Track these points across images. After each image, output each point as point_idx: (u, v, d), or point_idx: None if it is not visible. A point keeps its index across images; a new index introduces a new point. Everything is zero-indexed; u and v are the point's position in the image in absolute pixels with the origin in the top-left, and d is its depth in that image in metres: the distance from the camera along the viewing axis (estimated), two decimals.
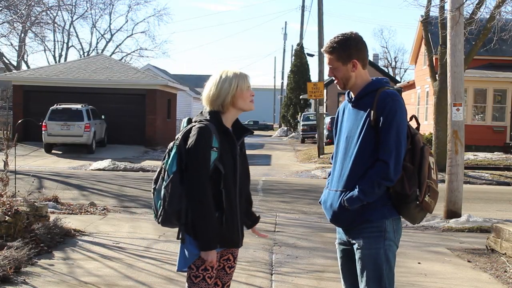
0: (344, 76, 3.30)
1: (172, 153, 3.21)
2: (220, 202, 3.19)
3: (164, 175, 3.21)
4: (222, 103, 3.27)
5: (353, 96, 3.33)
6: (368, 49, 3.38)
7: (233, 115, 3.33)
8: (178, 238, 3.22)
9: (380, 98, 3.17)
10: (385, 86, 3.25)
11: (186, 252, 3.22)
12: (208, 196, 3.13)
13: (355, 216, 3.18)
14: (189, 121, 3.33)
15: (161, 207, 3.18)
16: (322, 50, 3.38)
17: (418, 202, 3.14)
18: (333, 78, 3.37)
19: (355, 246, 3.23)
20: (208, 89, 3.31)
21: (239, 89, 3.28)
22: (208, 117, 3.26)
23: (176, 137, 3.28)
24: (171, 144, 3.27)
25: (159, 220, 3.22)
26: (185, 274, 3.32)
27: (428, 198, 3.15)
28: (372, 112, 3.16)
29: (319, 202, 3.42)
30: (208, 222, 3.13)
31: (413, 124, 3.36)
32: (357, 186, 3.14)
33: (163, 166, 3.25)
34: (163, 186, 3.19)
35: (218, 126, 3.23)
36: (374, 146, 3.15)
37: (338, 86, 3.38)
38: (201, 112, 3.34)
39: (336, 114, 3.47)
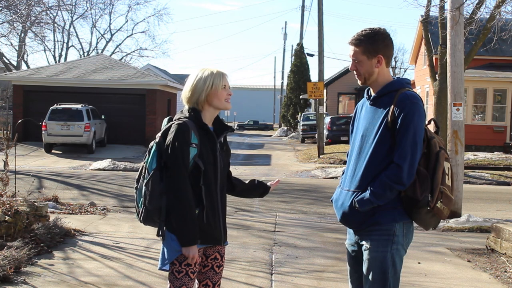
0: (367, 71, 3.22)
1: (152, 151, 3.24)
2: (201, 199, 3.20)
3: (145, 173, 3.23)
4: (196, 100, 3.30)
5: (372, 93, 3.28)
6: (394, 47, 3.32)
7: (210, 113, 3.34)
8: (158, 235, 3.23)
9: (399, 99, 3.10)
10: (405, 87, 3.18)
11: (168, 249, 3.23)
12: (187, 192, 3.14)
13: (365, 218, 3.14)
14: (170, 120, 3.35)
15: (142, 205, 3.20)
16: (348, 42, 3.26)
17: (429, 208, 3.05)
18: (354, 72, 3.29)
19: (363, 247, 3.20)
20: (186, 86, 3.35)
21: (214, 88, 3.29)
22: (187, 115, 3.29)
23: (157, 135, 3.30)
24: (152, 143, 3.29)
25: (141, 219, 3.24)
26: (161, 269, 3.33)
27: (440, 204, 3.07)
28: (390, 113, 3.10)
29: (331, 200, 3.39)
30: (187, 218, 3.14)
31: (431, 127, 3.31)
32: (369, 188, 3.09)
33: (144, 165, 3.26)
34: (143, 184, 3.21)
35: (197, 123, 3.25)
36: (389, 148, 3.09)
37: (358, 81, 3.30)
38: (182, 111, 3.37)
39: (354, 111, 3.42)
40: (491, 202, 12.76)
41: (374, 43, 3.19)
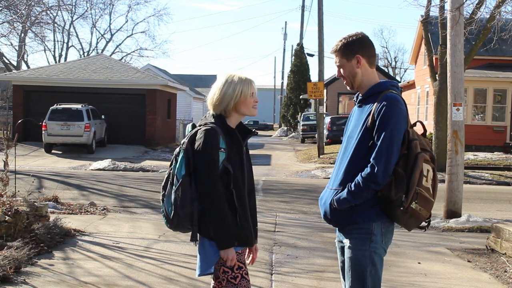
0: (350, 73, 3.30)
1: (179, 158, 3.24)
2: (232, 202, 3.22)
3: (173, 180, 3.24)
4: (225, 108, 3.31)
5: (360, 96, 3.35)
6: (375, 49, 3.38)
7: (236, 119, 3.37)
8: (191, 240, 3.24)
9: (380, 101, 3.17)
10: (389, 89, 3.24)
11: (207, 255, 3.25)
12: (221, 195, 3.17)
13: (343, 216, 3.20)
14: (194, 126, 3.36)
15: (173, 212, 3.20)
16: (330, 51, 3.39)
17: (402, 208, 3.08)
18: (342, 79, 3.37)
19: (345, 246, 3.27)
20: (213, 93, 3.34)
21: (243, 96, 3.31)
22: (213, 120, 3.30)
23: (182, 141, 3.32)
24: (177, 149, 3.31)
25: (172, 226, 3.25)
26: (192, 276, 3.34)
27: (415, 205, 3.09)
28: (371, 114, 3.17)
29: (319, 199, 3.44)
30: (223, 221, 3.16)
31: (419, 129, 3.33)
32: (346, 187, 3.16)
33: (171, 171, 3.27)
34: (173, 191, 3.21)
35: (223, 127, 3.27)
36: (369, 148, 3.15)
37: (347, 86, 3.38)
38: (205, 116, 3.38)
39: (350, 114, 3.49)
40: (491, 202, 12.76)
41: (350, 45, 3.29)
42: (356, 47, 3.28)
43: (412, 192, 3.09)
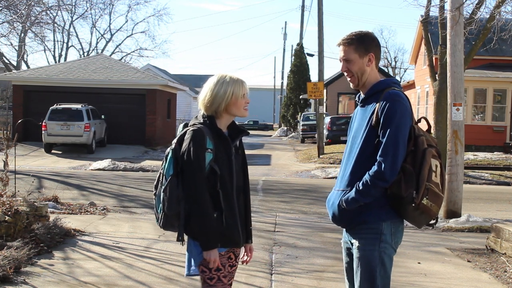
0: (360, 70, 3.27)
1: (168, 158, 3.26)
2: (218, 203, 3.21)
3: (162, 180, 3.25)
4: (216, 109, 3.30)
5: (362, 96, 3.34)
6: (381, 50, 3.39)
7: (227, 119, 3.36)
8: (177, 240, 3.24)
9: (383, 98, 3.15)
10: (391, 87, 3.22)
11: (193, 255, 3.26)
12: (205, 197, 3.16)
13: (352, 216, 3.18)
14: (185, 126, 3.37)
15: (161, 211, 3.22)
16: (338, 43, 3.31)
17: (414, 205, 3.06)
18: (346, 74, 3.33)
19: (353, 246, 3.24)
20: (204, 94, 3.34)
21: (234, 97, 3.29)
22: (202, 121, 3.30)
23: (173, 142, 3.32)
24: (168, 149, 3.31)
25: (160, 224, 3.27)
26: (188, 275, 3.33)
27: (426, 201, 3.07)
28: (374, 112, 3.15)
29: (326, 201, 3.43)
30: (206, 222, 3.15)
31: (423, 126, 3.33)
32: (354, 186, 3.13)
33: (161, 171, 3.29)
34: (161, 190, 3.23)
35: (212, 128, 3.27)
36: (375, 147, 3.12)
37: (351, 83, 3.34)
38: (196, 116, 3.38)
39: (352, 115, 3.48)
40: (491, 202, 12.76)
41: (365, 42, 3.26)
42: (371, 45, 3.26)
43: (423, 188, 3.06)
